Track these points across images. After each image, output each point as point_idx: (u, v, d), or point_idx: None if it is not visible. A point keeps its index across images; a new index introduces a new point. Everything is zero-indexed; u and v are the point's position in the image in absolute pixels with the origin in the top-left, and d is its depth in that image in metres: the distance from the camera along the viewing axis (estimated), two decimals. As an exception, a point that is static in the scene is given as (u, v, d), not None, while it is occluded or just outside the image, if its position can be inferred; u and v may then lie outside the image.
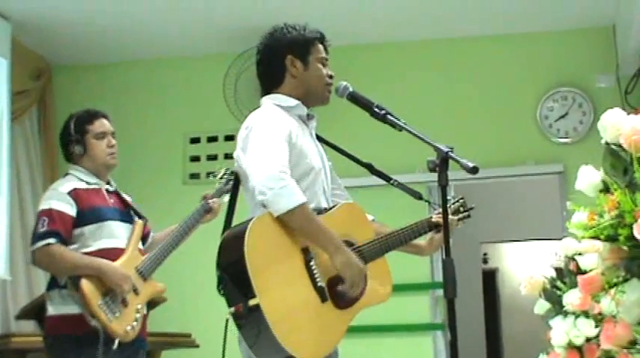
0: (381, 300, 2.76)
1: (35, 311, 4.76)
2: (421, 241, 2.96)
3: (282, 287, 2.42)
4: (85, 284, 3.27)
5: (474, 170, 2.28)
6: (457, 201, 3.03)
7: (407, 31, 5.87)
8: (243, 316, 2.37)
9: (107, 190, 3.60)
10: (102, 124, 3.63)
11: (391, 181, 3.01)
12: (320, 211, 2.64)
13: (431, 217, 2.86)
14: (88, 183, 3.54)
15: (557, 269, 3.12)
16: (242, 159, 2.64)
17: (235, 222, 2.65)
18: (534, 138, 5.79)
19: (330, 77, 2.82)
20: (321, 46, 2.82)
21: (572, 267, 2.94)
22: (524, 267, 8.75)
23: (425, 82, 6.00)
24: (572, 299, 2.87)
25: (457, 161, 2.31)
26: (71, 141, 3.58)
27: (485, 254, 9.64)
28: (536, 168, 5.74)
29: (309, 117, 2.83)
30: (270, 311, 2.34)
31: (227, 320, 2.39)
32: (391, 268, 2.80)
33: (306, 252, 2.50)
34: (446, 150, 2.33)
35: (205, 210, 3.70)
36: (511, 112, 5.86)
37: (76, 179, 3.53)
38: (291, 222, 2.45)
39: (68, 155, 3.64)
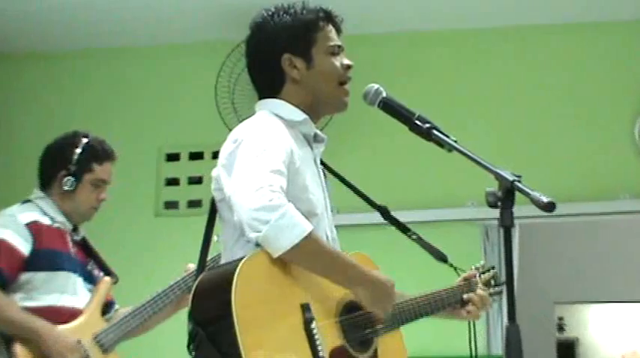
0: None
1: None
2: None
3: (274, 353, 2.42)
4: (20, 350, 3.29)
5: (549, 206, 2.23)
6: (487, 271, 3.09)
7: (454, 20, 5.88)
8: None
9: (72, 237, 3.63)
10: (107, 171, 3.73)
11: (409, 233, 3.05)
12: None
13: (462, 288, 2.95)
14: (52, 219, 3.58)
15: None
16: (224, 182, 2.62)
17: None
18: (630, 164, 5.77)
19: (348, 68, 2.77)
20: (328, 29, 2.77)
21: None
22: (613, 337, 8.70)
23: (481, 85, 6.00)
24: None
25: (527, 194, 2.27)
26: (67, 169, 3.63)
27: (560, 318, 9.65)
28: (632, 203, 5.72)
29: (317, 138, 2.81)
30: None
31: None
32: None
33: (305, 309, 2.50)
34: (511, 179, 2.30)
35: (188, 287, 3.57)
36: (600, 129, 5.84)
37: (39, 211, 3.58)
38: (298, 260, 2.47)
39: (47, 178, 3.67)
